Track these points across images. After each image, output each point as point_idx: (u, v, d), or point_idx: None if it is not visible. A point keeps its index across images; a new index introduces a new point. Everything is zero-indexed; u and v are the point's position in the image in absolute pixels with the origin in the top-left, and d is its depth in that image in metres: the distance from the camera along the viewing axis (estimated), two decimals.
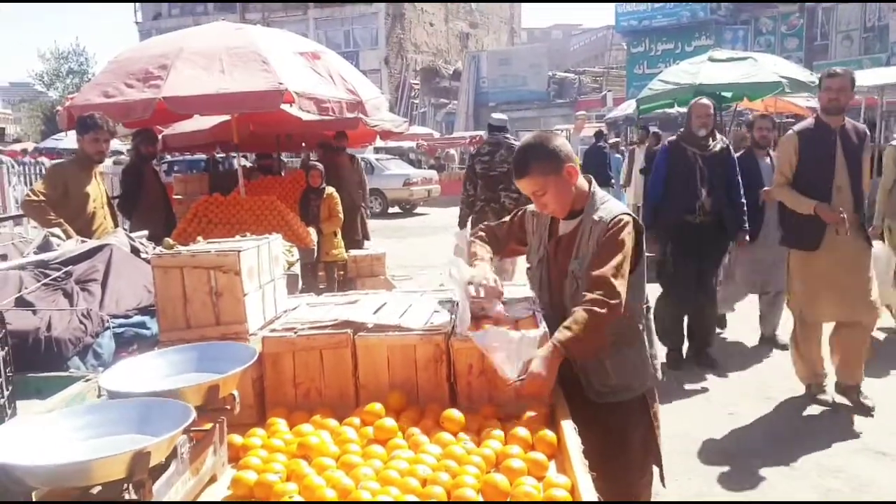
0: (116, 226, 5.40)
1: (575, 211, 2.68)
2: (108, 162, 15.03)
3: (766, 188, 6.06)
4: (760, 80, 10.95)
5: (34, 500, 1.54)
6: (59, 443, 1.63)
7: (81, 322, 2.93)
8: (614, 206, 2.64)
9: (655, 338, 2.83)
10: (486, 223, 3.14)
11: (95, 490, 1.54)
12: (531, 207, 2.88)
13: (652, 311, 2.86)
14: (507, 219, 3.04)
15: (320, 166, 8.13)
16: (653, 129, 14.82)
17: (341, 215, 7.94)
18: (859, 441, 4.73)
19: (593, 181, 2.74)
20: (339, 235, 8.06)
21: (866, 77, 13.11)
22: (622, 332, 2.64)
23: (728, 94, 12.45)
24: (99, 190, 5.28)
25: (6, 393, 2.08)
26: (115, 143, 21.54)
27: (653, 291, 2.84)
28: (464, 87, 39.88)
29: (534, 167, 2.56)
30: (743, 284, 6.81)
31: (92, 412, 1.75)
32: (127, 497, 1.51)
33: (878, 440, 4.71)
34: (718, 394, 5.65)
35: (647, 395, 2.78)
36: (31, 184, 11.33)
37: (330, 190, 7.91)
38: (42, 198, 4.99)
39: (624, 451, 2.69)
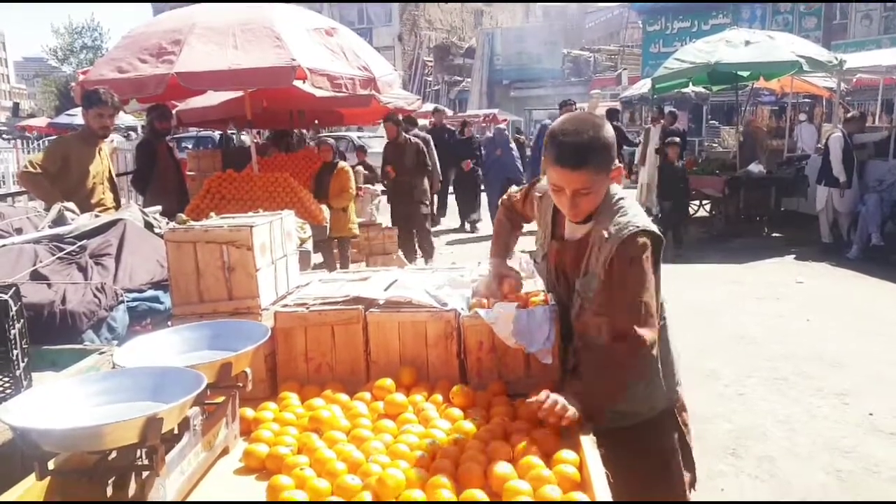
0: (118, 202, 5.39)
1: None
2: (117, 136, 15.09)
3: None
4: (777, 59, 10.86)
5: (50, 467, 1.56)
6: (74, 408, 1.66)
7: (95, 296, 2.95)
8: (633, 215, 2.19)
9: (673, 350, 2.48)
10: (508, 194, 2.81)
11: (110, 456, 1.56)
12: (541, 186, 2.50)
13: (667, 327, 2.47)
14: (523, 189, 2.72)
15: (331, 141, 8.13)
16: (668, 108, 14.74)
17: (353, 191, 7.91)
18: (870, 422, 4.72)
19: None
20: (351, 211, 8.03)
21: (886, 57, 12.97)
22: None
23: (744, 74, 12.35)
24: (102, 165, 5.25)
25: (22, 365, 2.11)
26: (130, 119, 21.65)
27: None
28: (477, 64, 39.69)
29: (594, 159, 2.08)
30: None
31: (106, 379, 1.77)
32: (139, 464, 1.53)
33: (888, 421, 4.71)
34: (727, 374, 5.65)
35: (665, 415, 2.46)
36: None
37: (343, 165, 7.88)
38: (39, 170, 4.98)
39: (637, 473, 2.31)
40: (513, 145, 13.06)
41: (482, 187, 13.43)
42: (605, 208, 2.22)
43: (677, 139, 11.29)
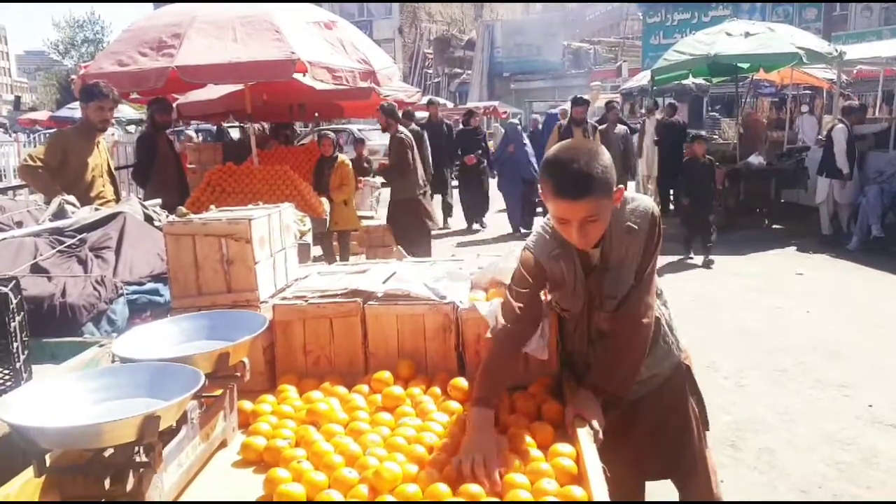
0: (118, 195, 5.39)
1: None
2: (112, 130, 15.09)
3: None
4: (777, 50, 10.82)
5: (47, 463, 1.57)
6: (73, 405, 1.66)
7: (95, 289, 2.96)
8: (639, 198, 2.23)
9: (672, 314, 2.56)
10: (510, 306, 2.21)
11: (107, 452, 1.57)
12: (531, 257, 2.25)
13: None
14: (520, 293, 2.23)
15: (332, 135, 8.11)
16: (668, 100, 14.70)
17: (353, 184, 7.91)
18: (870, 414, 4.72)
19: None
20: (352, 204, 8.03)
21: (886, 48, 12.93)
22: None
23: (744, 65, 12.32)
24: (100, 158, 5.25)
25: (22, 357, 2.11)
26: (131, 112, 21.62)
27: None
28: (478, 56, 39.65)
29: (597, 186, 1.97)
30: None
31: (105, 376, 1.78)
32: (138, 460, 1.54)
33: (888, 413, 4.71)
34: (727, 366, 5.65)
35: (680, 371, 2.60)
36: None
37: (342, 158, 7.88)
38: (40, 163, 4.99)
39: (667, 430, 2.55)
40: (526, 142, 12.09)
41: (489, 183, 12.43)
42: (613, 210, 2.14)
43: (703, 133, 10.93)
